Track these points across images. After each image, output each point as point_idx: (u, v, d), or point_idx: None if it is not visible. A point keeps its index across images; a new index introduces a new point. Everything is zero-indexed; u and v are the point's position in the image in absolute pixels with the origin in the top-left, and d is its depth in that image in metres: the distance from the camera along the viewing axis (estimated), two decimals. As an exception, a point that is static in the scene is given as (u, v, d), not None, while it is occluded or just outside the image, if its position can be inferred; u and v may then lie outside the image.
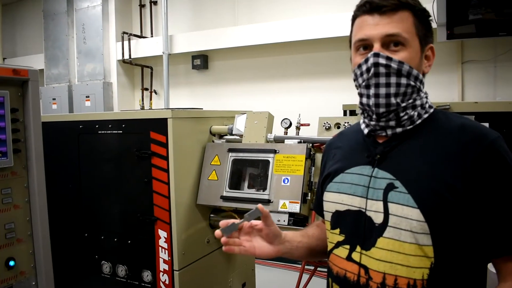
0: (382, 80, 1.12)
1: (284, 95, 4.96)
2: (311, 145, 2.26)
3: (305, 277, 2.54)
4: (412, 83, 1.14)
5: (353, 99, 2.45)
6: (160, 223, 2.30)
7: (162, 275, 2.30)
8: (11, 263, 1.67)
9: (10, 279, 1.67)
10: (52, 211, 1.95)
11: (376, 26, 1.13)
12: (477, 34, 3.81)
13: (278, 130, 2.48)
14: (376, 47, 1.13)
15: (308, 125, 2.44)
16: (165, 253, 2.29)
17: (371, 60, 1.12)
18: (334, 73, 4.62)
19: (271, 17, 4.91)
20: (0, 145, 1.63)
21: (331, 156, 1.38)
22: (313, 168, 2.24)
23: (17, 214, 1.71)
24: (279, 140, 2.38)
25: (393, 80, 1.12)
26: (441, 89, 3.96)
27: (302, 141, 2.29)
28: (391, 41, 1.12)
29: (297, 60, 4.90)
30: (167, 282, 2.29)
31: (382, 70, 1.12)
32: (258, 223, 1.26)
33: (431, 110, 1.20)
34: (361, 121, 1.29)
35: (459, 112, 2.18)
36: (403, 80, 1.13)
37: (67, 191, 2.63)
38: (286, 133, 2.44)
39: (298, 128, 2.46)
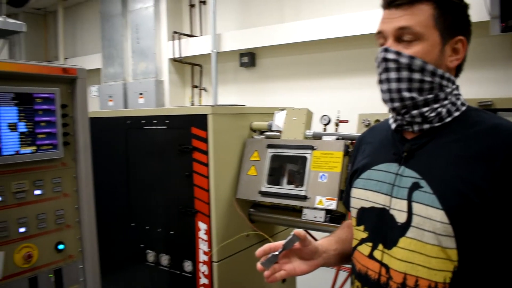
0: (392, 75, 1.12)
1: (326, 92, 4.93)
2: (349, 142, 2.25)
3: (342, 274, 2.53)
4: (428, 78, 1.11)
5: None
6: (200, 215, 2.38)
7: (202, 266, 2.38)
8: (61, 246, 1.80)
9: (59, 261, 1.80)
10: (101, 201, 2.09)
11: (390, 20, 1.13)
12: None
13: (317, 127, 2.49)
14: (389, 41, 1.13)
15: (347, 121, 2.43)
16: (205, 245, 2.37)
17: (380, 55, 1.13)
18: (375, 69, 4.50)
19: (317, 13, 4.89)
20: (52, 138, 1.75)
21: (361, 151, 1.38)
22: (350, 165, 2.23)
23: (66, 202, 1.84)
24: (317, 136, 2.39)
25: (404, 75, 1.11)
26: (495, 85, 3.78)
27: (340, 137, 2.30)
28: (403, 35, 1.11)
29: (340, 56, 4.85)
30: (206, 272, 2.37)
31: (391, 65, 1.11)
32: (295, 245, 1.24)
33: (464, 108, 1.17)
34: (390, 116, 1.28)
35: (503, 109, 2.10)
36: (416, 75, 1.11)
37: (115, 182, 2.78)
38: (325, 129, 2.45)
39: (337, 124, 2.45)
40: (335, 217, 2.21)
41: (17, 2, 6.72)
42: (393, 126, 1.24)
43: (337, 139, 2.29)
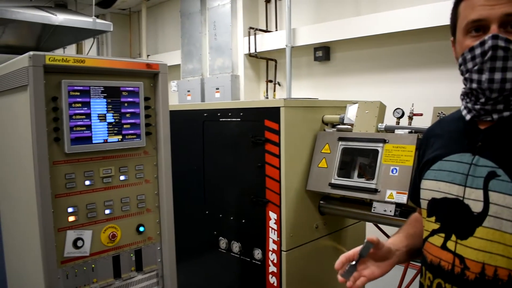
0: (499, 64, 1.06)
1: (401, 84, 4.78)
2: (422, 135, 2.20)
3: (410, 272, 2.48)
4: None
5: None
6: (271, 205, 2.45)
7: (271, 254, 2.46)
8: (141, 228, 1.95)
9: (140, 242, 1.96)
10: (179, 188, 2.23)
11: (493, 6, 1.07)
12: None
13: (390, 120, 2.45)
14: (494, 29, 1.07)
15: (421, 115, 2.38)
16: (274, 234, 2.44)
17: (489, 43, 1.06)
18: (452, 62, 4.27)
19: (393, 5, 4.75)
20: (136, 128, 1.90)
21: (430, 144, 1.35)
22: (417, 158, 2.18)
23: (147, 188, 1.99)
24: (389, 130, 2.36)
25: (510, 64, 1.06)
26: None
27: (413, 131, 2.25)
28: (510, 22, 1.06)
29: (415, 49, 4.68)
30: (275, 261, 2.44)
31: (500, 53, 1.06)
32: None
33: None
34: (462, 107, 1.25)
35: None
36: None
37: (192, 171, 2.94)
38: (398, 123, 2.41)
39: (410, 118, 2.41)
40: (405, 211, 2.18)
41: (105, 3, 7.25)
42: (468, 117, 1.20)
43: (410, 132, 2.25)
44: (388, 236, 2.70)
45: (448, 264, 1.15)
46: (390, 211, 2.16)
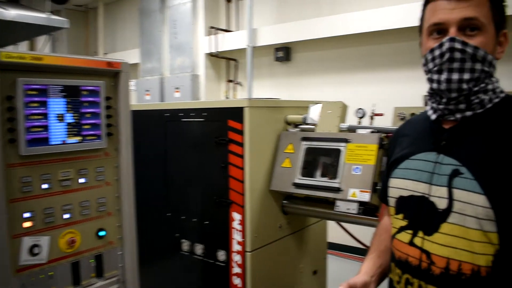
0: (456, 65, 1.11)
1: (362, 85, 4.90)
2: (383, 135, 2.25)
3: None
4: (486, 68, 1.13)
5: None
6: (235, 206, 2.43)
7: (235, 256, 2.44)
8: (102, 233, 1.88)
9: (100, 247, 1.89)
10: (140, 191, 2.17)
11: (452, 10, 1.11)
12: None
13: (352, 120, 2.49)
14: (452, 32, 1.11)
15: (382, 115, 2.43)
16: (238, 235, 2.42)
17: (446, 45, 1.11)
18: (414, 63, 4.43)
19: (353, 7, 4.85)
20: (96, 129, 1.83)
21: (398, 144, 1.39)
22: (384, 158, 2.23)
23: (108, 190, 1.91)
24: (352, 129, 2.40)
25: (467, 65, 1.11)
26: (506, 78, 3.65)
27: (375, 130, 2.29)
28: (467, 25, 1.11)
29: (376, 50, 4.80)
30: (239, 262, 2.42)
31: (457, 55, 1.10)
32: None
33: (502, 95, 1.18)
34: (428, 107, 1.29)
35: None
36: (478, 66, 1.11)
37: (154, 173, 2.87)
38: (359, 123, 2.45)
39: (372, 118, 2.45)
40: (368, 209, 2.22)
41: (60, -1, 6.99)
42: (433, 116, 1.25)
43: (372, 132, 2.29)
44: (350, 235, 2.77)
45: (415, 259, 1.18)
46: (353, 210, 2.19)
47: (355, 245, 2.74)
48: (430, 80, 1.20)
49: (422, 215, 1.18)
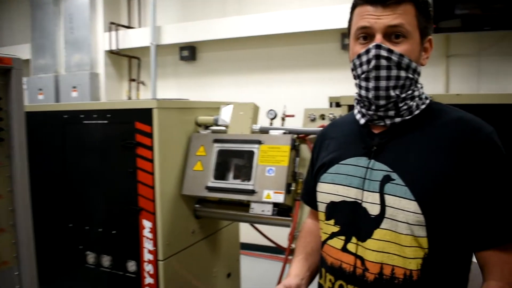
0: (383, 73, 1.11)
1: (271, 86, 4.97)
2: (295, 136, 2.27)
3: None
4: (411, 75, 1.14)
5: (338, 91, 2.48)
6: (144, 213, 2.30)
7: (147, 265, 2.31)
8: (-7, 252, 1.67)
9: (-8, 268, 1.67)
10: (36, 202, 1.95)
11: (378, 17, 1.11)
12: (463, 29, 3.85)
13: (264, 121, 2.49)
14: (378, 38, 1.11)
15: (293, 116, 2.46)
16: (149, 243, 2.30)
17: (372, 52, 1.11)
18: (321, 65, 4.64)
19: (259, 8, 4.90)
20: (-18, 133, 1.61)
21: (324, 147, 1.37)
22: (297, 159, 2.26)
23: (0, 204, 1.70)
24: (264, 131, 2.40)
25: (393, 73, 1.11)
26: (427, 82, 3.96)
27: (287, 132, 2.31)
28: (393, 33, 1.11)
29: (284, 52, 4.90)
30: (151, 272, 2.30)
31: (383, 62, 1.11)
32: None
33: (428, 101, 1.21)
34: (356, 111, 1.28)
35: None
36: (403, 73, 1.12)
37: (53, 181, 2.62)
38: (271, 124, 2.46)
39: (283, 119, 2.47)
40: (282, 210, 2.23)
41: None
42: (362, 121, 1.24)
43: (284, 133, 2.31)
44: (264, 236, 2.77)
45: (349, 266, 1.16)
46: (268, 211, 2.19)
47: (267, 244, 2.74)
48: (359, 87, 1.19)
49: (355, 221, 1.17)
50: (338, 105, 3.42)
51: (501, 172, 1.08)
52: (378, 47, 1.11)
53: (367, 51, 1.13)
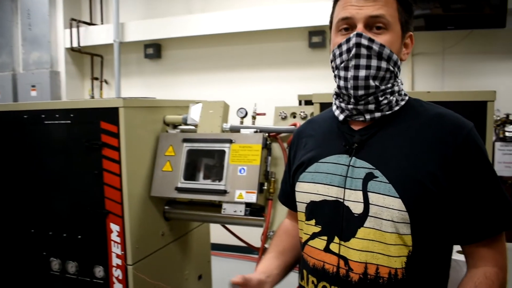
0: (363, 62, 1.10)
1: (240, 85, 4.93)
2: (267, 134, 2.24)
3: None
4: (391, 68, 1.13)
5: (308, 89, 2.47)
6: (112, 216, 2.22)
7: (115, 270, 2.23)
8: None
9: None
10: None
11: (360, 7, 1.11)
12: (426, 28, 3.93)
13: (234, 120, 2.45)
14: (359, 28, 1.11)
15: (264, 114, 2.43)
16: (117, 248, 2.22)
17: (353, 40, 1.10)
18: (289, 64, 4.64)
19: (225, 6, 4.85)
20: None
21: (301, 145, 1.34)
22: (269, 157, 2.23)
23: (-46, 210, 1.59)
24: (235, 129, 2.35)
25: (373, 63, 1.10)
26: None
27: (258, 130, 2.27)
28: (374, 23, 1.11)
29: (252, 50, 4.87)
30: (120, 277, 2.21)
31: (363, 51, 1.10)
32: None
33: (407, 98, 1.21)
34: (334, 107, 1.26)
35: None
36: (383, 64, 1.11)
37: (12, 184, 2.49)
38: (242, 122, 2.41)
39: (254, 117, 2.43)
40: (255, 210, 2.20)
41: None
42: (341, 117, 1.22)
43: (255, 132, 2.27)
44: (235, 236, 2.72)
45: (332, 266, 1.14)
46: (240, 211, 2.15)
47: (238, 243, 2.70)
48: (338, 77, 1.17)
49: (337, 221, 1.14)
50: (307, 103, 3.44)
51: (484, 165, 1.09)
52: (359, 35, 1.10)
53: (348, 40, 1.12)
